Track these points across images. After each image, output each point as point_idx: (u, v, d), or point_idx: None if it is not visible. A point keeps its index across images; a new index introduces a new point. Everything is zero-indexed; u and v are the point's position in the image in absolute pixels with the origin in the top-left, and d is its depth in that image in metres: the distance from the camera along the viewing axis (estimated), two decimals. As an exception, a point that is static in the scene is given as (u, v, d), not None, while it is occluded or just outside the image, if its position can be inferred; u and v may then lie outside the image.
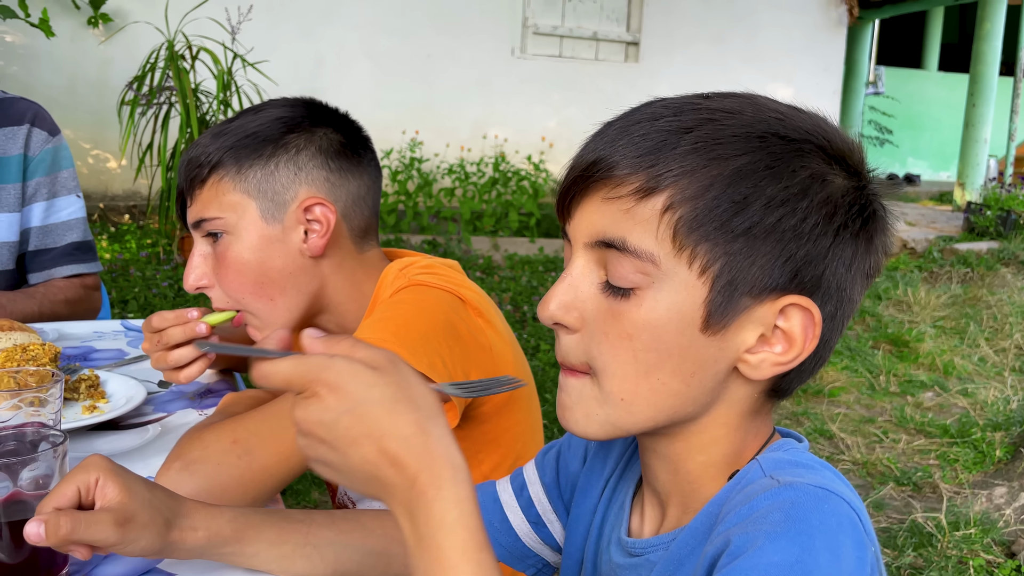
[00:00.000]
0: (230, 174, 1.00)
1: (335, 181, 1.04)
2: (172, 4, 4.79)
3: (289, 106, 1.05)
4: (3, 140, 1.66)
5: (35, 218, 1.70)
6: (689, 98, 0.61)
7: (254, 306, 1.03)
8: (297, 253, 1.02)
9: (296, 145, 1.02)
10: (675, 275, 0.57)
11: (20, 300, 1.60)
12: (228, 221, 1.01)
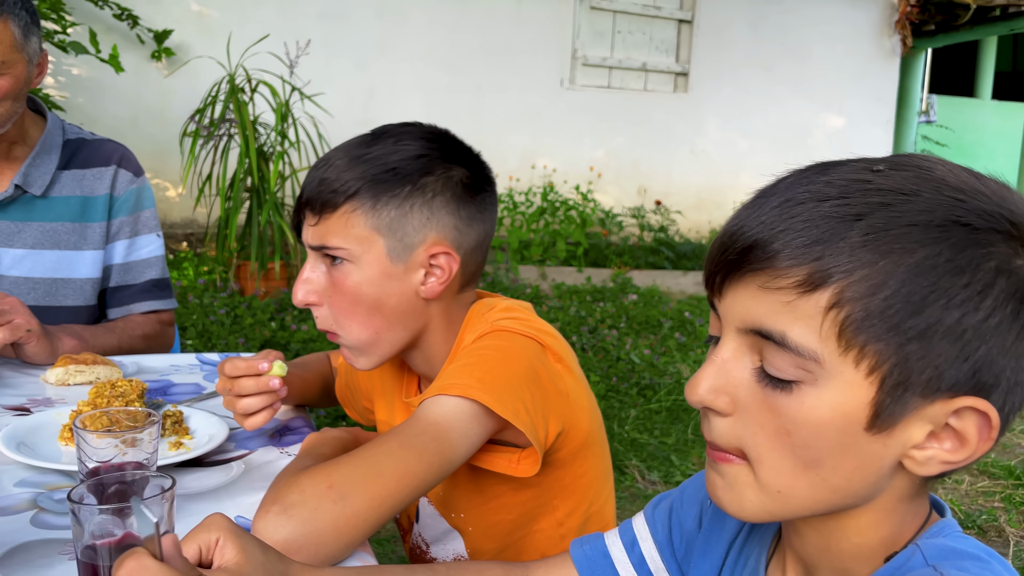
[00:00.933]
0: (364, 208, 1.00)
1: (462, 229, 1.03)
2: (233, 39, 4.94)
3: (427, 140, 1.04)
4: (91, 181, 1.73)
5: (117, 255, 1.76)
6: (856, 171, 0.56)
7: (357, 334, 1.04)
8: (413, 293, 1.03)
9: (433, 188, 1.01)
10: (839, 374, 0.54)
11: (101, 334, 1.66)
12: (353, 252, 1.01)
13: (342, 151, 1.04)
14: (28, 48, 1.55)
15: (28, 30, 1.55)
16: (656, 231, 6.20)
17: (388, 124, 1.10)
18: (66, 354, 1.49)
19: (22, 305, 1.46)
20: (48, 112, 1.74)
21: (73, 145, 1.73)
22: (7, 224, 1.64)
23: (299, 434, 1.26)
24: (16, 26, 1.51)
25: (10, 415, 1.27)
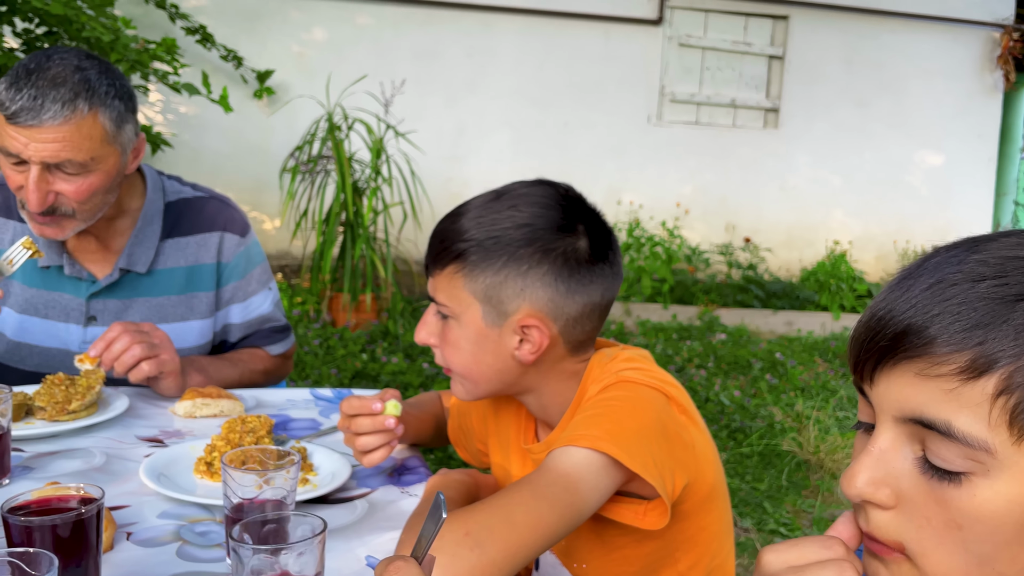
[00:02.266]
0: (463, 272, 1.04)
1: (559, 301, 1.03)
2: (328, 78, 5.13)
3: (542, 207, 1.04)
4: (196, 249, 1.67)
5: (234, 316, 1.75)
6: (1010, 247, 0.54)
7: (463, 378, 1.10)
8: (508, 356, 1.05)
9: (529, 261, 1.02)
10: (1014, 464, 0.51)
11: (224, 368, 1.70)
12: (453, 310, 1.06)
13: (470, 206, 1.07)
14: (121, 138, 1.46)
15: (122, 119, 1.45)
16: (745, 269, 6.09)
17: (516, 182, 1.11)
18: (192, 388, 1.56)
19: (169, 341, 1.52)
20: (147, 171, 1.66)
21: (175, 209, 1.66)
22: (115, 303, 1.62)
23: (417, 474, 1.28)
24: (107, 118, 1.42)
25: (146, 446, 1.33)
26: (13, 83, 1.35)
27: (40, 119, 1.34)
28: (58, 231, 1.47)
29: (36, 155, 1.36)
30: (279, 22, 5.59)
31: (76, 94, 1.36)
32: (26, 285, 1.59)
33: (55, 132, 1.35)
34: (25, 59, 1.39)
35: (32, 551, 0.69)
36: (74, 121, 1.36)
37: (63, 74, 1.36)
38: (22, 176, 1.40)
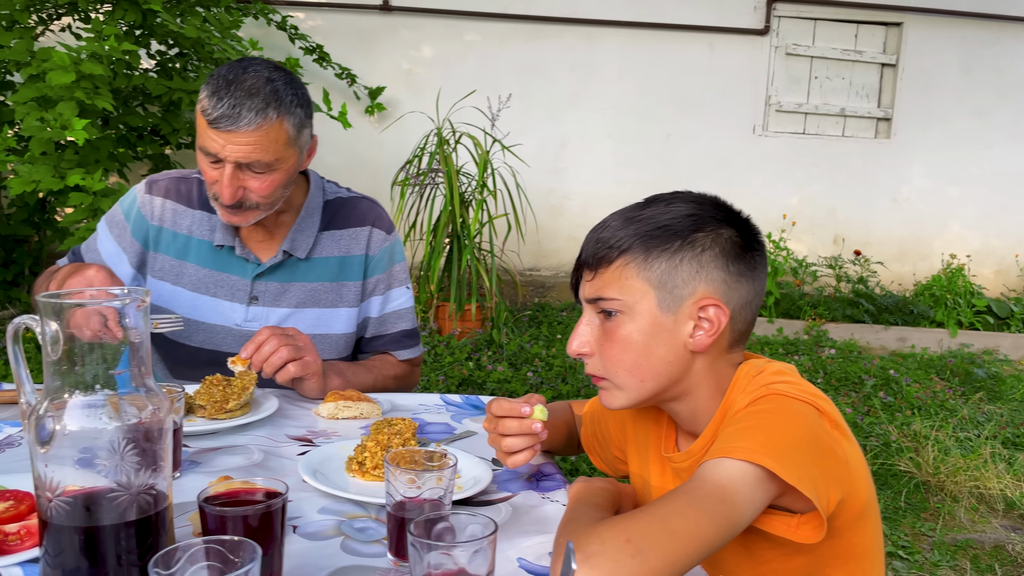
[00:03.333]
0: (636, 262, 1.06)
1: (731, 284, 1.07)
2: (435, 94, 5.27)
3: (697, 203, 1.10)
4: (348, 241, 1.82)
5: (373, 309, 1.86)
6: None
7: (623, 380, 1.10)
8: (681, 345, 1.07)
9: (702, 244, 1.06)
10: None
11: (360, 373, 1.80)
12: (626, 303, 1.07)
13: (617, 214, 1.11)
14: (300, 141, 1.63)
15: (302, 125, 1.61)
16: (855, 282, 5.90)
17: (660, 193, 1.16)
18: (334, 391, 1.65)
19: (312, 344, 1.62)
20: (310, 172, 1.85)
21: (332, 206, 1.83)
22: (275, 285, 1.77)
23: (554, 480, 1.31)
24: (291, 124, 1.57)
25: (297, 445, 1.41)
26: (214, 92, 1.52)
27: (237, 125, 1.51)
28: (242, 220, 1.65)
29: (231, 156, 1.54)
30: (390, 40, 5.77)
31: (267, 103, 1.52)
32: (199, 266, 1.76)
33: (248, 137, 1.52)
34: (223, 69, 1.55)
35: (237, 539, 0.75)
36: (264, 128, 1.53)
37: (256, 85, 1.52)
38: (217, 172, 1.58)
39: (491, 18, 5.84)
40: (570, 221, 6.06)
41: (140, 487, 0.88)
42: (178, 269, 1.76)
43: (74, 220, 3.55)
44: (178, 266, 1.76)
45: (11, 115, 4.10)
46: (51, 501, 0.85)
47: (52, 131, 3.40)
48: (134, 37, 4.27)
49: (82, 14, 4.26)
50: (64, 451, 0.86)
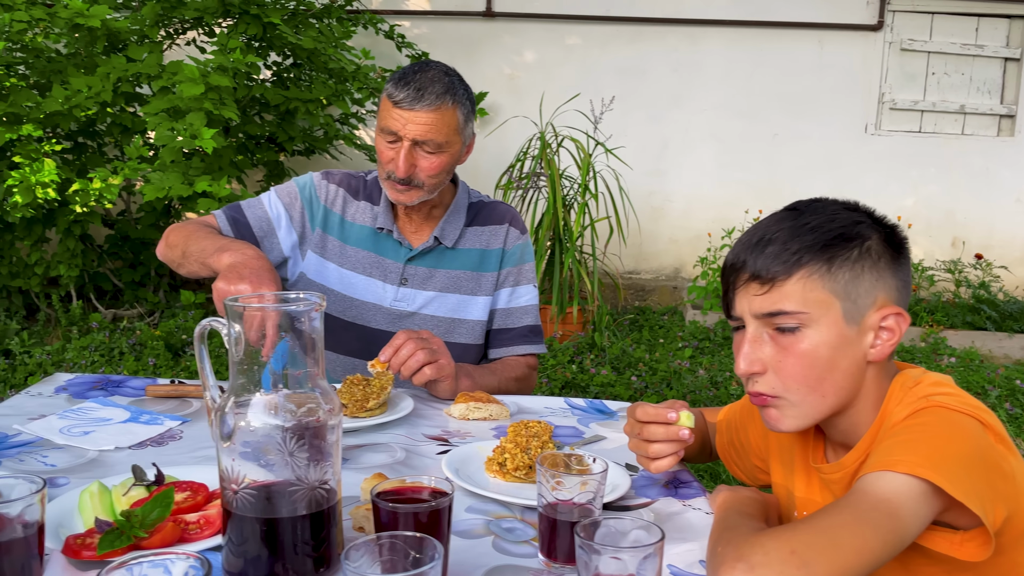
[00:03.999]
0: (820, 272, 1.03)
1: (902, 290, 1.06)
2: (537, 98, 5.30)
3: (852, 209, 1.08)
4: (488, 236, 1.97)
5: (501, 301, 1.98)
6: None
7: (801, 397, 1.06)
8: (861, 356, 1.05)
9: (876, 251, 1.05)
10: None
11: (485, 375, 1.85)
12: (811, 316, 1.03)
13: (774, 225, 1.08)
14: (465, 132, 1.82)
15: (468, 117, 1.81)
16: (976, 288, 5.62)
17: (799, 200, 1.13)
18: (464, 392, 1.69)
19: (445, 348, 1.68)
20: (459, 181, 2.01)
21: (476, 207, 1.99)
22: (423, 270, 1.92)
23: (692, 488, 1.31)
24: (461, 113, 1.78)
25: (435, 444, 1.45)
26: (400, 79, 1.74)
27: (420, 103, 1.71)
28: (408, 198, 1.82)
29: (410, 133, 1.73)
30: (492, 46, 5.85)
31: (445, 90, 1.73)
32: (359, 248, 1.92)
33: (427, 116, 1.72)
34: (406, 67, 1.78)
35: (419, 535, 0.79)
36: (441, 110, 1.73)
37: (436, 76, 1.74)
38: (393, 151, 1.77)
39: (592, 21, 5.84)
40: (671, 224, 5.99)
41: (316, 482, 0.92)
42: (339, 250, 1.92)
43: (201, 224, 3.74)
44: (339, 247, 1.92)
45: (141, 125, 4.35)
46: (236, 493, 0.91)
47: (182, 140, 3.60)
48: (254, 49, 4.47)
49: (207, 28, 4.48)
50: (246, 446, 0.91)
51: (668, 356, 4.50)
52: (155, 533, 0.97)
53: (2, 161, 4.40)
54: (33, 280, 4.65)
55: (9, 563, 0.84)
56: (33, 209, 4.02)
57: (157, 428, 1.45)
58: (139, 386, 1.69)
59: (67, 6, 3.85)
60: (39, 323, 4.72)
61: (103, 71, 4.00)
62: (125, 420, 1.47)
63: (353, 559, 0.75)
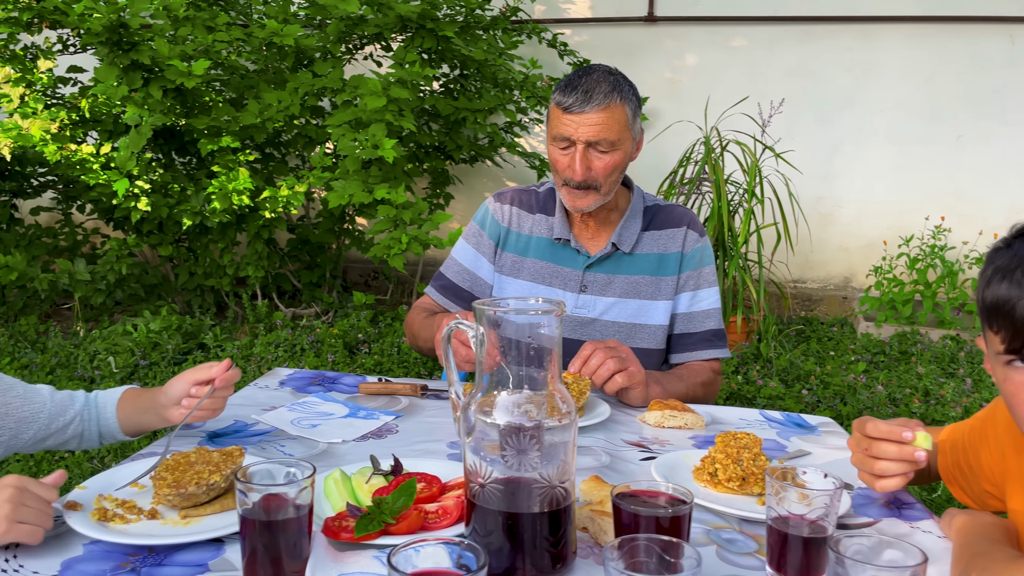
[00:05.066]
0: None
1: None
2: (700, 102, 5.21)
3: None
4: (666, 240, 1.97)
5: (682, 305, 1.97)
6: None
7: None
8: None
9: None
10: None
11: (673, 381, 1.85)
12: None
13: None
14: (633, 128, 1.84)
15: (635, 114, 1.84)
16: None
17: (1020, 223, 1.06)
18: (656, 399, 1.69)
19: (634, 355, 1.69)
20: (631, 182, 2.02)
21: (652, 211, 2.00)
22: (602, 276, 1.94)
23: (916, 508, 1.25)
24: (629, 110, 1.80)
25: (634, 450, 1.47)
26: (566, 86, 1.79)
27: (589, 105, 1.75)
28: (585, 203, 1.85)
29: (582, 135, 1.77)
30: (653, 51, 5.80)
31: (612, 89, 1.77)
32: (537, 259, 1.98)
33: (597, 116, 1.75)
34: (570, 75, 1.83)
35: (675, 540, 0.80)
36: (611, 108, 1.76)
37: (601, 77, 1.79)
38: (568, 157, 1.81)
39: (759, 22, 5.68)
40: (841, 230, 5.72)
41: (556, 480, 0.96)
42: (519, 264, 1.99)
43: (379, 229, 3.95)
44: (519, 261, 1.99)
45: (324, 136, 4.64)
46: (483, 487, 0.96)
47: (364, 151, 3.80)
48: (427, 62, 4.66)
49: (384, 43, 4.71)
50: (489, 442, 0.96)
51: (840, 370, 4.30)
52: (401, 520, 1.04)
53: (201, 170, 4.81)
54: (224, 280, 5.04)
55: (284, 539, 0.93)
56: (228, 214, 4.37)
57: (374, 423, 1.54)
58: (351, 383, 1.80)
59: (263, 26, 4.16)
60: (228, 320, 5.11)
61: (292, 86, 4.29)
62: (345, 415, 1.58)
63: (614, 557, 0.77)
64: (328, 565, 0.96)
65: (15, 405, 1.34)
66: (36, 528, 0.99)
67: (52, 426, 1.38)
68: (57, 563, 0.98)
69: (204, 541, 1.04)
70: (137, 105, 3.99)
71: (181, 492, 1.07)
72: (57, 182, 5.02)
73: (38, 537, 0.99)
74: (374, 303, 5.27)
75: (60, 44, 4.71)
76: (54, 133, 4.09)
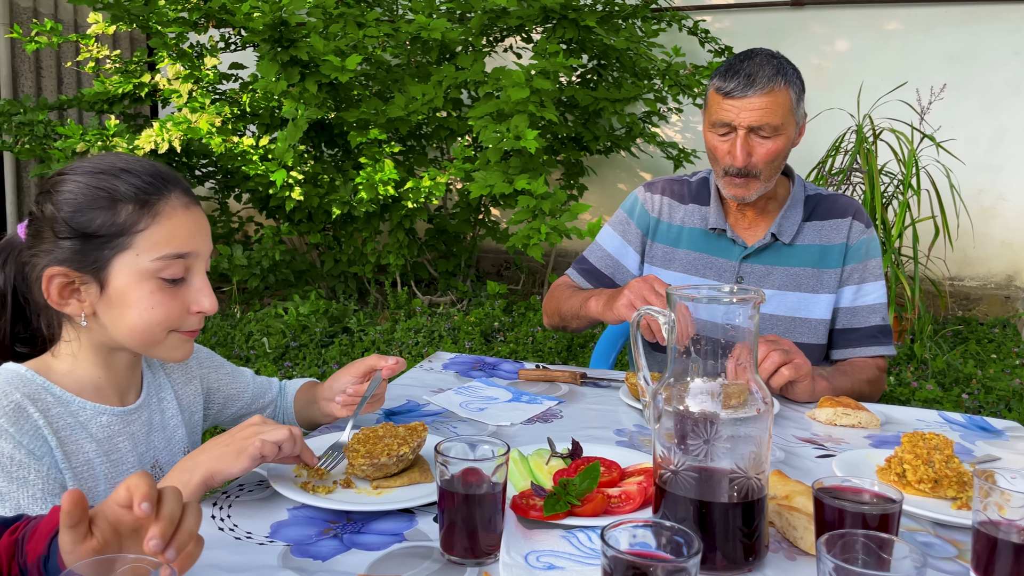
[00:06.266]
0: None
1: None
2: (850, 87, 4.97)
3: None
4: (829, 231, 1.90)
5: (845, 299, 1.89)
6: None
7: None
8: None
9: None
10: None
11: (838, 377, 1.78)
12: None
13: None
14: (797, 113, 1.79)
15: (799, 98, 1.79)
16: None
17: None
18: (826, 396, 1.63)
19: (798, 348, 1.63)
20: (793, 174, 1.96)
21: (813, 200, 1.93)
22: (760, 267, 1.90)
23: None
24: (793, 93, 1.76)
25: (808, 447, 1.42)
26: (727, 71, 1.75)
27: (752, 89, 1.71)
28: (745, 191, 1.81)
29: (744, 121, 1.73)
30: (800, 36, 5.58)
31: (776, 72, 1.73)
32: (690, 250, 1.95)
33: (761, 100, 1.71)
34: (729, 59, 1.79)
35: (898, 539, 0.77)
36: (775, 92, 1.72)
37: (764, 60, 1.74)
38: (728, 144, 1.77)
39: (916, 3, 5.35)
40: (1004, 225, 5.33)
41: (753, 472, 0.94)
42: (670, 255, 1.97)
43: (519, 220, 3.99)
44: (670, 252, 1.97)
45: (464, 128, 4.73)
46: (675, 474, 0.95)
47: (507, 142, 3.85)
48: (566, 52, 4.66)
49: (525, 34, 4.75)
50: (683, 430, 0.95)
51: (1003, 374, 4.01)
52: (586, 502, 1.05)
53: (347, 162, 5.01)
54: (367, 267, 5.24)
55: (480, 513, 0.96)
56: (374, 204, 4.53)
57: (538, 407, 1.57)
58: (511, 369, 1.83)
59: (410, 21, 4.28)
60: (369, 305, 5.31)
61: (436, 79, 4.39)
62: (509, 400, 1.61)
63: (827, 551, 0.75)
64: (520, 541, 0.98)
65: (225, 382, 1.44)
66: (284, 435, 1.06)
67: (252, 407, 1.47)
68: (267, 525, 1.05)
69: (396, 511, 1.09)
70: (294, 99, 4.20)
71: (374, 463, 1.12)
72: (216, 172, 5.35)
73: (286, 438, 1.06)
74: (507, 292, 5.34)
75: (223, 42, 5.02)
76: (218, 126, 4.36)
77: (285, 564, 0.95)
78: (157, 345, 1.16)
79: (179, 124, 4.18)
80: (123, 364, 1.20)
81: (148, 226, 1.10)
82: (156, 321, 1.13)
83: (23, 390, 1.08)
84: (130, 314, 1.11)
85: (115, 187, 1.10)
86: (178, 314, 1.14)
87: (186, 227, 1.14)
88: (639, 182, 5.97)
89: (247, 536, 1.02)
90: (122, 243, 1.10)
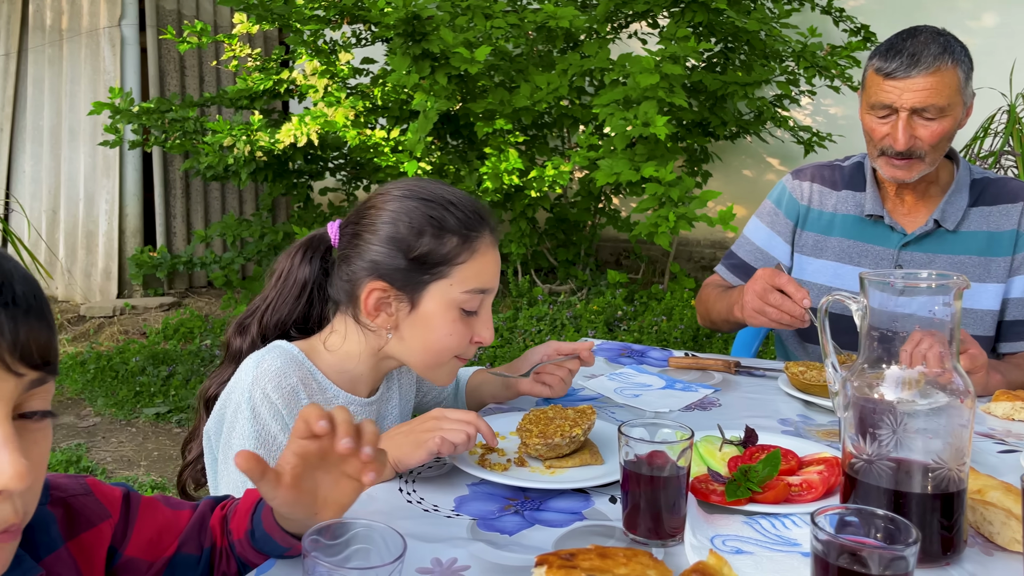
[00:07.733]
0: None
1: None
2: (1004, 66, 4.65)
3: None
4: (997, 217, 1.80)
5: (1016, 290, 1.79)
6: None
7: None
8: None
9: None
10: None
11: (1012, 371, 1.70)
12: None
13: None
14: (965, 93, 1.70)
15: (968, 77, 1.70)
16: None
17: None
18: (1003, 390, 1.55)
19: (971, 337, 1.56)
20: (955, 152, 1.86)
21: (980, 184, 1.83)
22: (921, 255, 1.82)
23: None
24: (962, 72, 1.67)
25: (988, 442, 1.36)
26: (888, 50, 1.67)
27: (916, 69, 1.63)
28: (907, 173, 1.73)
29: (907, 102, 1.65)
30: (942, 11, 5.26)
31: (943, 50, 1.64)
32: (843, 238, 1.89)
33: (926, 80, 1.63)
34: (891, 37, 1.70)
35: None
36: (941, 71, 1.64)
37: (930, 38, 1.66)
38: (887, 126, 1.70)
39: (1077, -29, 4.96)
40: None
41: (954, 464, 0.91)
42: (821, 243, 1.92)
43: (645, 207, 3.96)
44: (822, 240, 1.92)
45: (588, 116, 4.72)
46: (869, 463, 0.93)
47: (634, 128, 3.82)
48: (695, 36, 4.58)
49: (651, 19, 4.69)
50: (879, 419, 0.93)
51: None
52: (768, 489, 1.04)
53: (472, 152, 5.09)
54: (490, 256, 5.32)
55: (665, 496, 0.97)
56: (499, 193, 4.59)
57: (693, 395, 1.56)
58: (659, 357, 1.83)
59: (536, 11, 4.30)
60: (491, 293, 5.40)
61: (561, 67, 4.40)
62: (663, 387, 1.61)
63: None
64: (703, 525, 0.98)
65: None
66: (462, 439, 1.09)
67: (441, 395, 1.55)
68: (451, 499, 1.10)
69: (571, 491, 1.11)
70: (425, 92, 4.30)
71: (548, 443, 1.15)
72: (345, 165, 5.55)
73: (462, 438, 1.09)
74: (627, 281, 5.31)
75: (354, 38, 5.19)
76: (352, 119, 4.52)
77: (475, 536, 0.99)
78: (439, 367, 1.24)
79: (317, 118, 4.35)
80: (386, 367, 1.30)
81: (466, 260, 1.19)
82: (449, 347, 1.21)
83: (298, 374, 1.18)
84: (431, 337, 1.20)
85: (444, 218, 1.18)
86: (465, 343, 1.22)
87: (493, 265, 1.23)
88: (765, 168, 5.81)
89: (434, 509, 1.07)
90: (442, 271, 1.18)
